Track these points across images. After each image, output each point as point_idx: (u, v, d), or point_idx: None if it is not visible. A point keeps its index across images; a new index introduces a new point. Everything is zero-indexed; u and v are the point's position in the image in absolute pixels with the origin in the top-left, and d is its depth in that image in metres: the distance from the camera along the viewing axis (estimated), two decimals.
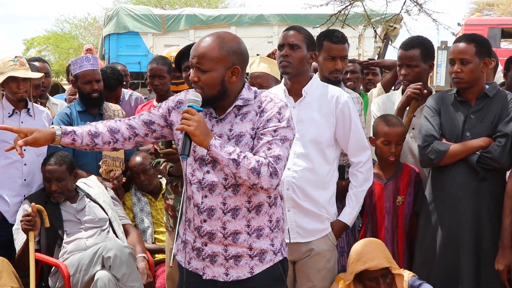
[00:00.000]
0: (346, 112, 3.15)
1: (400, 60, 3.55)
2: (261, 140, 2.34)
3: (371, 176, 3.25)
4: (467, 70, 3.14)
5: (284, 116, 2.38)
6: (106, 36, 13.02)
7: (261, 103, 2.42)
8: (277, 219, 2.50)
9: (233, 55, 2.38)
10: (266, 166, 2.26)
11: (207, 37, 2.39)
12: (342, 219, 3.19)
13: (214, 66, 2.34)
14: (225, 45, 2.37)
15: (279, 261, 2.48)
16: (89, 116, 4.22)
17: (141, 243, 3.93)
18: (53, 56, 26.42)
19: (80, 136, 2.51)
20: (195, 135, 2.27)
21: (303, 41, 3.14)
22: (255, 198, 2.41)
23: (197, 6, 22.64)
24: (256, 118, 2.39)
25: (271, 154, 2.30)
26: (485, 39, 3.32)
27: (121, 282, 3.39)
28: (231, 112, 2.42)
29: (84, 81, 4.17)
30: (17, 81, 3.87)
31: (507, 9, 24.94)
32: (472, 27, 13.22)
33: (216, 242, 2.42)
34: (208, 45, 2.35)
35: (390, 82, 4.91)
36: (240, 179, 2.29)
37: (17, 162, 3.93)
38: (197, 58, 2.35)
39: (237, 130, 2.40)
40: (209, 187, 2.40)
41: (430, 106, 3.31)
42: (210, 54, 2.34)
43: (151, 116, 2.56)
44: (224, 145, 2.29)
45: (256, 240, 2.42)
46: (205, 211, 2.41)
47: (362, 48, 11.45)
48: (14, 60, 3.89)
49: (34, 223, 3.48)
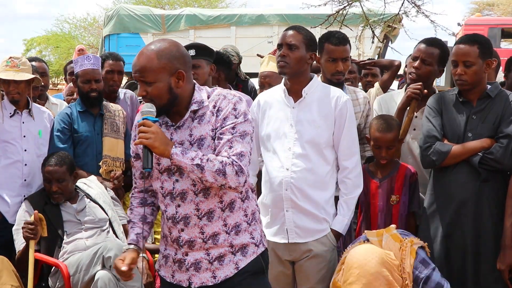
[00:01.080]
0: (343, 113, 3.15)
1: (419, 52, 3.50)
2: (221, 139, 2.34)
3: (360, 182, 3.24)
4: (470, 72, 3.14)
5: (240, 111, 2.37)
6: (106, 36, 13.02)
7: (216, 102, 2.41)
8: (252, 211, 2.51)
9: (174, 60, 2.35)
10: (231, 166, 2.27)
11: (144, 49, 2.38)
12: (334, 227, 3.18)
13: (157, 76, 2.32)
14: (163, 53, 2.34)
15: (260, 253, 2.49)
16: (90, 116, 4.22)
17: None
18: (53, 56, 26.42)
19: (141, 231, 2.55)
20: (154, 146, 2.26)
21: (302, 41, 3.13)
22: (226, 197, 2.42)
23: (197, 6, 22.64)
24: (213, 118, 2.38)
25: (233, 152, 2.30)
26: (487, 39, 3.30)
27: (121, 282, 3.39)
28: (187, 117, 2.42)
29: (84, 80, 4.17)
30: (8, 82, 3.87)
31: (507, 9, 24.95)
32: (472, 27, 13.22)
33: (197, 249, 2.43)
34: (146, 57, 2.33)
35: (388, 82, 4.92)
36: (207, 182, 2.29)
37: (17, 163, 3.93)
38: (139, 73, 2.33)
39: (197, 134, 2.39)
40: (180, 195, 2.41)
41: (432, 106, 3.30)
42: (150, 65, 2.32)
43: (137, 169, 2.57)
44: (186, 152, 2.29)
45: (236, 237, 2.44)
46: (181, 220, 2.42)
47: (362, 49, 11.45)
48: (8, 61, 3.90)
49: (36, 232, 3.48)
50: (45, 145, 4.08)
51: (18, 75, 3.88)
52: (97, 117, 4.23)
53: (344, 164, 3.19)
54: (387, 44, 11.46)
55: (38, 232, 3.49)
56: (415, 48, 3.57)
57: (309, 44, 3.15)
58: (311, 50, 3.16)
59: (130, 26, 12.94)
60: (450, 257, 3.18)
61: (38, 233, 3.49)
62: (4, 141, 3.92)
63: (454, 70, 3.19)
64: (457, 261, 3.16)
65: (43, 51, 27.05)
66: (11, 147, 3.94)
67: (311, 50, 3.16)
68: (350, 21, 6.20)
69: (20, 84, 3.90)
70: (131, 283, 3.41)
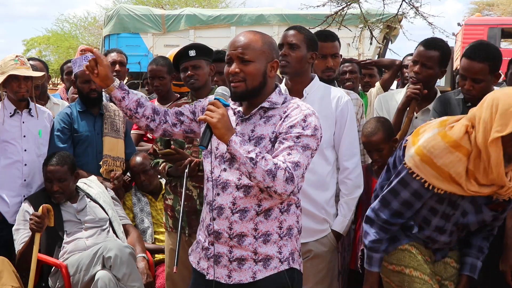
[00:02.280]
0: (344, 113, 3.15)
1: (418, 57, 3.48)
2: (282, 144, 2.30)
3: (361, 182, 3.23)
4: (479, 88, 3.11)
5: (310, 125, 2.33)
6: (106, 36, 13.04)
7: (287, 109, 2.39)
8: (289, 227, 2.42)
9: (273, 50, 2.42)
10: (283, 171, 2.21)
11: (246, 33, 2.42)
12: (335, 228, 3.17)
13: (258, 57, 2.36)
14: (266, 40, 2.42)
15: (285, 270, 2.39)
16: (90, 116, 4.22)
17: (141, 243, 3.93)
18: (53, 56, 26.43)
19: (130, 98, 2.56)
20: (216, 127, 2.25)
21: (303, 41, 3.13)
22: (265, 202, 2.37)
23: (197, 6, 22.64)
24: (279, 123, 2.36)
25: (290, 160, 2.25)
26: (498, 53, 3.21)
27: (121, 282, 3.39)
28: (256, 113, 2.42)
29: (83, 80, 4.16)
30: (18, 80, 3.87)
31: (507, 9, 24.96)
32: (472, 27, 13.25)
33: (222, 242, 2.40)
34: (251, 38, 2.38)
35: (389, 81, 4.92)
36: (255, 180, 2.25)
37: (17, 162, 3.93)
38: (241, 49, 2.35)
39: (258, 132, 2.38)
40: (222, 185, 2.40)
41: (437, 109, 3.27)
42: (254, 45, 2.36)
43: (182, 109, 2.61)
44: (244, 143, 2.26)
45: (262, 245, 2.37)
46: (216, 209, 2.40)
47: (362, 49, 11.45)
48: (15, 59, 3.89)
49: (42, 224, 3.48)
50: (45, 145, 4.08)
51: (32, 73, 3.91)
52: (97, 117, 4.23)
53: (344, 165, 3.18)
54: (387, 44, 11.46)
55: (44, 224, 3.50)
56: (415, 51, 3.54)
57: (310, 44, 3.15)
58: (312, 50, 3.16)
59: (130, 26, 12.95)
60: None
61: (44, 226, 3.49)
62: (4, 141, 3.92)
63: (462, 83, 3.16)
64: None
65: (43, 51, 27.06)
66: (11, 147, 3.94)
67: (312, 49, 3.16)
68: (349, 22, 6.20)
69: (28, 82, 3.92)
70: (132, 283, 3.41)
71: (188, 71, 3.50)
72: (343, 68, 5.21)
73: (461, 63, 3.19)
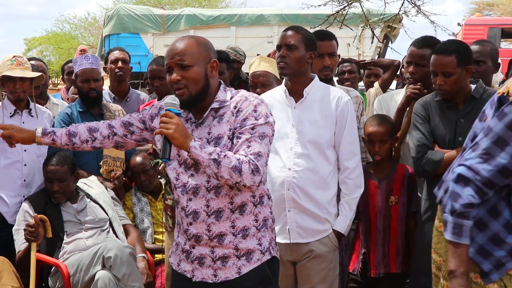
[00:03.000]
0: (345, 113, 3.15)
1: (411, 57, 3.50)
2: (239, 138, 2.35)
3: (361, 182, 3.23)
4: (450, 82, 3.10)
5: (261, 113, 2.39)
6: (106, 36, 13.03)
7: (237, 103, 2.43)
8: (264, 218, 2.49)
9: (209, 50, 2.45)
10: (247, 164, 2.27)
11: (180, 38, 2.46)
12: (336, 227, 3.17)
13: (196, 60, 2.39)
14: (201, 42, 2.45)
15: (266, 261, 2.47)
16: (90, 116, 4.22)
17: (141, 243, 3.93)
18: (54, 57, 26.41)
19: (59, 136, 2.64)
20: (174, 137, 2.28)
21: (301, 41, 3.12)
22: (237, 199, 2.42)
23: (197, 6, 22.64)
24: (233, 119, 2.40)
25: (251, 152, 2.31)
26: (465, 46, 3.23)
27: (121, 282, 3.39)
28: (208, 115, 2.45)
29: (82, 79, 4.17)
30: (14, 80, 3.87)
31: (507, 9, 24.96)
32: (472, 27, 13.25)
33: (203, 244, 2.44)
34: (186, 43, 2.41)
35: (388, 81, 4.92)
36: (223, 179, 2.30)
37: (17, 163, 3.93)
38: (178, 55, 2.38)
39: (215, 132, 2.41)
40: (193, 190, 2.42)
41: (418, 113, 3.25)
42: (191, 50, 2.39)
43: (130, 119, 2.62)
44: (204, 146, 2.30)
45: (242, 241, 2.43)
46: (190, 214, 2.43)
47: (362, 49, 11.45)
48: (12, 60, 3.89)
49: (37, 234, 3.47)
50: (45, 145, 4.07)
51: (25, 73, 3.89)
52: (97, 117, 4.23)
53: (345, 165, 3.19)
54: (387, 44, 11.46)
55: (40, 234, 3.48)
56: (407, 52, 3.56)
57: (308, 44, 3.14)
58: (311, 50, 3.15)
59: (130, 26, 12.95)
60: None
61: (39, 235, 3.48)
62: (3, 141, 3.92)
63: (434, 79, 3.16)
64: None
65: (44, 51, 27.04)
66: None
67: (311, 49, 3.15)
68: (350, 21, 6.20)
69: (25, 83, 3.91)
70: (132, 283, 3.41)
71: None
72: (342, 68, 5.22)
73: (431, 60, 3.19)
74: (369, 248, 3.49)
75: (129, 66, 5.01)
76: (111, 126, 2.63)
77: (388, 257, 3.44)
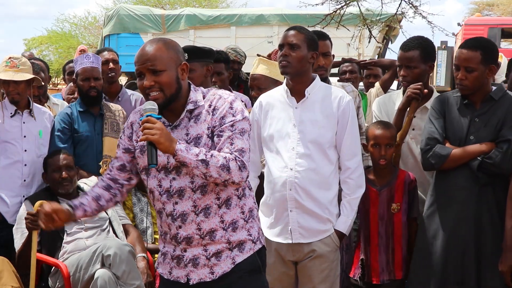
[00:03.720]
0: (346, 113, 3.15)
1: (400, 61, 3.53)
2: (221, 137, 2.38)
3: (363, 182, 3.23)
4: (471, 78, 3.10)
5: (237, 109, 2.42)
6: (106, 36, 13.02)
7: (211, 102, 2.45)
8: (250, 208, 2.52)
9: (179, 53, 2.45)
10: (234, 161, 2.31)
11: (148, 43, 2.44)
12: (338, 227, 3.17)
13: (167, 65, 2.38)
14: (169, 45, 2.43)
15: (257, 250, 2.50)
16: (90, 116, 4.22)
17: (141, 243, 3.93)
18: (54, 56, 26.40)
19: (88, 203, 2.57)
20: (160, 142, 2.26)
21: (303, 41, 3.12)
22: (223, 194, 2.44)
23: (197, 6, 22.63)
24: (209, 117, 2.42)
25: (235, 149, 2.35)
26: (492, 44, 3.24)
27: (121, 280, 3.39)
28: (184, 117, 2.45)
29: (83, 78, 4.17)
30: (8, 83, 3.87)
31: (507, 9, 24.96)
32: (472, 27, 13.23)
33: (195, 245, 2.45)
34: (155, 47, 2.39)
35: (388, 81, 4.92)
36: (211, 178, 2.31)
37: (17, 163, 3.93)
38: (149, 61, 2.36)
39: (193, 133, 2.42)
40: (178, 193, 2.42)
41: (435, 108, 3.26)
42: (161, 54, 2.38)
43: (118, 161, 2.59)
44: (190, 148, 2.31)
45: (233, 234, 2.45)
46: (178, 217, 2.43)
47: (362, 49, 11.44)
48: (7, 61, 3.89)
49: (37, 222, 3.46)
50: (45, 146, 4.08)
51: (17, 75, 3.87)
52: (97, 117, 4.23)
53: (346, 164, 3.18)
54: (387, 44, 11.46)
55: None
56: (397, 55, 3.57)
57: (311, 44, 3.15)
58: (313, 50, 3.16)
59: (130, 26, 12.94)
60: (450, 260, 3.14)
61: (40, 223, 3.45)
62: (4, 141, 3.92)
63: (456, 73, 3.16)
64: (456, 265, 3.12)
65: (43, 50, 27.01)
66: (11, 147, 3.93)
67: (313, 49, 3.16)
68: (349, 22, 6.20)
69: (20, 85, 3.90)
70: (131, 281, 3.41)
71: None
72: (343, 68, 5.22)
73: (455, 54, 3.20)
74: (369, 254, 3.46)
75: (119, 65, 4.98)
76: (114, 180, 2.59)
77: (392, 264, 3.41)
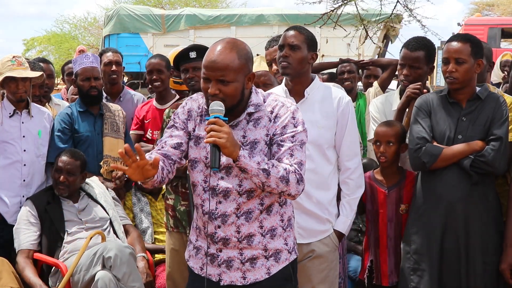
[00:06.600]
0: (346, 114, 3.15)
1: (404, 60, 3.49)
2: (282, 147, 2.34)
3: (362, 182, 3.23)
4: (462, 70, 3.09)
5: (299, 120, 2.40)
6: (106, 36, 13.06)
7: (273, 108, 2.40)
8: (289, 218, 2.50)
9: (249, 61, 2.38)
10: (294, 174, 2.29)
11: (221, 47, 2.31)
12: (337, 227, 3.17)
13: (237, 76, 2.30)
14: (242, 53, 2.34)
15: (292, 261, 2.48)
16: (90, 116, 4.22)
17: (141, 243, 3.93)
18: (53, 57, 26.40)
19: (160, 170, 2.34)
20: (226, 147, 2.20)
21: (303, 41, 3.12)
22: (266, 200, 2.41)
23: (197, 6, 22.64)
24: (270, 124, 2.38)
25: (295, 161, 2.32)
26: (479, 39, 3.26)
27: (121, 282, 3.39)
28: (242, 119, 2.40)
29: (83, 78, 4.17)
30: (15, 81, 3.87)
31: (507, 9, 24.95)
32: (472, 27, 13.23)
33: (231, 247, 2.41)
34: (228, 57, 2.30)
35: (387, 80, 4.91)
36: (269, 188, 2.29)
37: (16, 163, 3.92)
38: (219, 71, 2.28)
39: (251, 136, 2.38)
40: (223, 193, 2.38)
41: (421, 108, 3.24)
42: (233, 65, 2.29)
43: (176, 138, 2.45)
44: (252, 155, 2.27)
45: (271, 241, 2.42)
46: (219, 217, 2.40)
47: (362, 49, 11.45)
48: (12, 60, 3.88)
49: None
50: (44, 145, 4.07)
51: (29, 73, 3.89)
52: (97, 117, 4.23)
53: (346, 165, 3.19)
54: (387, 44, 11.47)
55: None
56: (400, 54, 3.54)
57: (310, 44, 3.14)
58: (312, 50, 3.15)
59: (130, 26, 12.97)
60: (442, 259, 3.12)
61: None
62: (3, 141, 3.91)
63: (445, 67, 3.14)
64: (450, 263, 3.11)
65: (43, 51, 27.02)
66: (10, 147, 3.93)
67: (312, 50, 3.15)
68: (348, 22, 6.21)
69: (26, 83, 3.91)
70: (132, 283, 3.41)
71: (189, 73, 3.51)
72: (341, 68, 5.22)
73: (444, 48, 3.18)
74: (378, 257, 3.45)
75: (122, 66, 5.00)
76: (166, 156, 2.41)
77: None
